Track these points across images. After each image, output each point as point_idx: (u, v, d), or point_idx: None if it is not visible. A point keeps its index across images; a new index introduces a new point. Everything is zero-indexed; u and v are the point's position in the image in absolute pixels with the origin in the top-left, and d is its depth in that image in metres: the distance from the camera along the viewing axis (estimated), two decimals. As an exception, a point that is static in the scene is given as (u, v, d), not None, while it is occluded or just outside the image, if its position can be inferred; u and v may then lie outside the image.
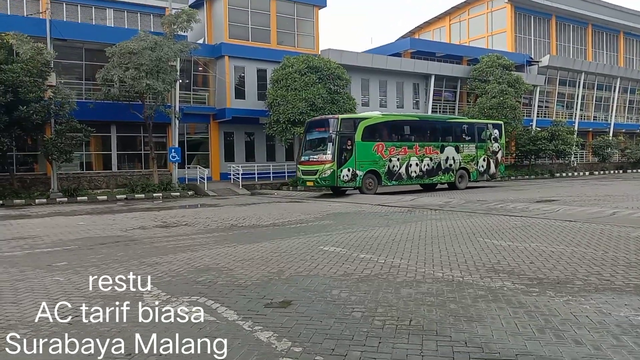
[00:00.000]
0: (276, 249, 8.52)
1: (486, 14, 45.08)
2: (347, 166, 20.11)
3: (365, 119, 21.23)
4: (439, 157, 23.20)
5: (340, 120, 20.22)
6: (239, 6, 28.89)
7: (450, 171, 23.69)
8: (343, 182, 20.11)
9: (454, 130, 24.38)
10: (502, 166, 26.38)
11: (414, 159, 22.22)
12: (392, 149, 21.54)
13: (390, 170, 21.49)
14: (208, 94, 29.14)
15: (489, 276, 6.30)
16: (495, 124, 26.49)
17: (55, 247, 9.33)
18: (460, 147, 24.08)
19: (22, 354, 4.10)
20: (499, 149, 25.93)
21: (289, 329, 4.53)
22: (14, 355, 4.06)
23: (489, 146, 25.36)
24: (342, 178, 20.00)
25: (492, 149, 25.47)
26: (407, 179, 22.19)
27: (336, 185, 20.18)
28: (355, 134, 20.35)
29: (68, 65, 24.97)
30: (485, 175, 25.23)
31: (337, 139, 19.90)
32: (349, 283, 6.10)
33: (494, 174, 25.66)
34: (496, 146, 25.71)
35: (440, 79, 36.03)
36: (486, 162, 25.15)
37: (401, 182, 22.10)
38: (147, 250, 8.74)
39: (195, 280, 6.42)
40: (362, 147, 20.53)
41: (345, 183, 20.21)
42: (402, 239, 9.38)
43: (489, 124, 26.36)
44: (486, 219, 11.99)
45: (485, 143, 25.22)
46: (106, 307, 5.31)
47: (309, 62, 26.35)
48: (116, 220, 13.82)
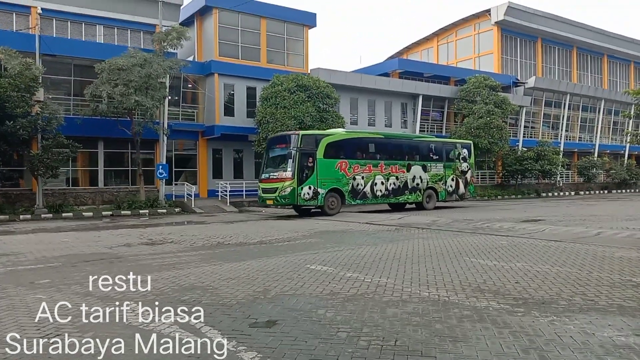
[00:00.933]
0: (262, 268, 8.47)
1: (473, 35, 45.81)
2: (308, 184, 19.48)
3: (327, 135, 20.73)
4: (406, 176, 22.62)
5: (301, 137, 19.68)
6: (230, 25, 29.10)
7: (417, 190, 23.04)
8: (304, 200, 19.48)
9: (421, 149, 23.84)
10: (471, 186, 25.78)
11: (379, 178, 21.62)
12: (356, 167, 20.90)
13: (354, 188, 20.80)
14: (197, 110, 29.16)
15: (474, 296, 6.31)
16: (464, 144, 26.02)
17: (39, 264, 9.20)
18: (427, 167, 23.55)
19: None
20: (468, 169, 25.40)
21: (274, 349, 4.49)
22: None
23: (458, 166, 24.85)
24: (302, 196, 19.37)
25: (461, 168, 24.94)
26: (373, 198, 21.50)
27: (296, 203, 19.64)
28: (317, 150, 19.78)
29: (56, 81, 24.88)
30: (454, 195, 24.64)
31: (297, 155, 19.34)
32: (335, 302, 6.07)
33: (462, 194, 25.08)
34: (465, 166, 25.15)
35: (428, 99, 36.39)
36: (455, 181, 24.60)
37: (366, 201, 21.42)
38: (132, 268, 8.63)
39: (180, 299, 6.35)
40: (324, 165, 19.91)
41: (306, 201, 19.59)
42: (389, 257, 9.37)
43: (458, 143, 26.02)
44: (473, 238, 12.04)
45: (453, 162, 24.72)
46: (90, 325, 5.24)
47: (299, 80, 26.52)
48: (101, 237, 13.67)
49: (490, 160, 38.20)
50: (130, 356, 4.38)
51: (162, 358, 4.33)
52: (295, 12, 31.16)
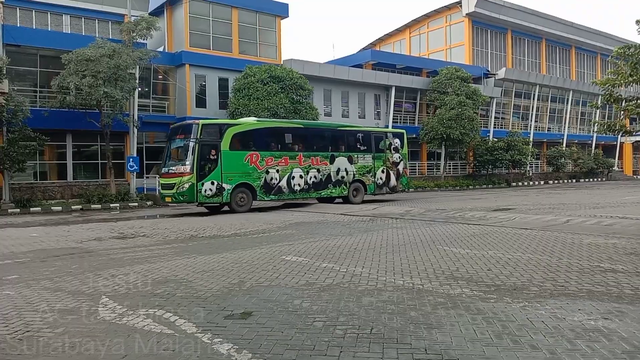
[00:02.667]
0: (237, 260, 8.42)
1: (445, 27, 46.17)
2: (211, 179, 17.70)
3: (234, 125, 19.03)
4: (329, 168, 20.84)
5: (201, 126, 17.85)
6: (200, 14, 28.68)
7: (342, 184, 21.27)
8: (205, 197, 17.68)
9: (347, 140, 22.09)
10: (404, 178, 24.00)
11: (297, 171, 19.87)
12: (269, 160, 19.15)
13: (268, 183, 19.06)
14: (168, 102, 28.73)
15: (448, 283, 6.39)
16: (396, 133, 24.29)
17: (6, 260, 8.95)
18: (354, 158, 21.72)
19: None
20: (401, 160, 23.64)
21: (250, 340, 4.46)
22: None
23: (389, 157, 23.08)
24: (203, 193, 17.57)
25: (392, 159, 23.15)
26: (290, 193, 19.81)
27: (196, 200, 17.83)
28: (221, 142, 17.94)
29: (22, 72, 24.18)
30: (385, 188, 22.93)
31: (197, 147, 17.49)
32: (310, 293, 6.07)
33: (394, 187, 23.33)
34: (397, 157, 23.43)
35: (400, 90, 36.60)
36: (385, 173, 22.81)
37: (282, 196, 19.74)
38: (103, 263, 8.48)
39: (153, 293, 6.27)
40: (230, 158, 18.14)
41: (207, 198, 17.78)
42: (363, 247, 9.42)
43: (388, 132, 24.51)
44: (445, 227, 12.19)
45: (383, 153, 22.91)
46: (59, 321, 5.13)
47: (272, 71, 26.35)
48: (71, 231, 13.37)
49: (462, 151, 38.71)
50: (101, 350, 4.30)
51: (135, 352, 4.25)
52: (267, 2, 30.86)
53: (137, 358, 4.12)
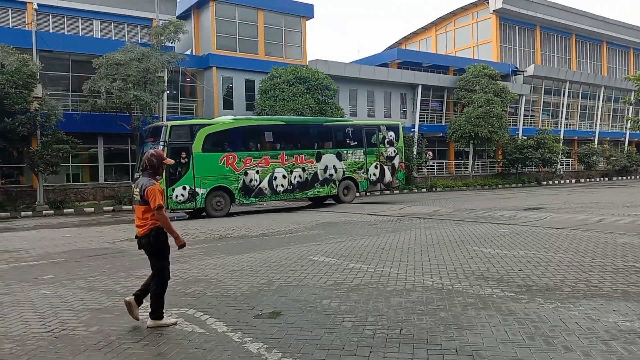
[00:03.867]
0: (266, 260, 8.49)
1: (472, 24, 45.59)
2: (182, 184, 16.77)
3: (206, 125, 17.91)
4: (315, 166, 19.75)
5: (169, 129, 16.84)
6: (227, 17, 28.97)
7: (331, 182, 20.19)
8: (176, 203, 16.75)
9: (335, 135, 20.92)
10: (400, 173, 22.72)
11: (280, 171, 18.87)
12: (248, 160, 18.14)
13: (247, 185, 18.08)
14: (196, 104, 29.09)
15: (478, 284, 6.32)
16: (390, 126, 22.86)
17: (42, 260, 9.21)
18: (343, 154, 20.60)
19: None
20: (396, 154, 22.30)
21: (279, 339, 4.50)
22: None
23: (382, 151, 21.77)
24: (174, 199, 16.63)
25: (386, 154, 21.86)
26: (272, 195, 18.85)
27: (167, 207, 15.75)
28: (192, 144, 17.01)
29: (54, 77, 24.80)
30: (379, 184, 21.80)
31: (166, 151, 16.05)
32: (339, 293, 6.09)
33: (390, 183, 22.27)
34: (392, 151, 22.08)
35: (427, 88, 36.30)
36: (379, 169, 21.57)
37: (263, 198, 18.79)
38: (135, 262, 8.65)
39: (184, 292, 6.37)
40: (203, 160, 17.18)
41: (180, 204, 16.89)
42: (391, 247, 9.38)
43: (381, 125, 22.85)
44: (474, 227, 12.05)
45: (376, 148, 21.60)
46: (94, 320, 5.25)
47: (297, 72, 26.45)
48: (103, 232, 13.68)
49: (490, 150, 38.16)
50: (135, 349, 4.39)
51: (168, 351, 4.33)
52: (292, 3, 31.00)
53: (170, 357, 4.19)
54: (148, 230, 4.95)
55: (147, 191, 4.84)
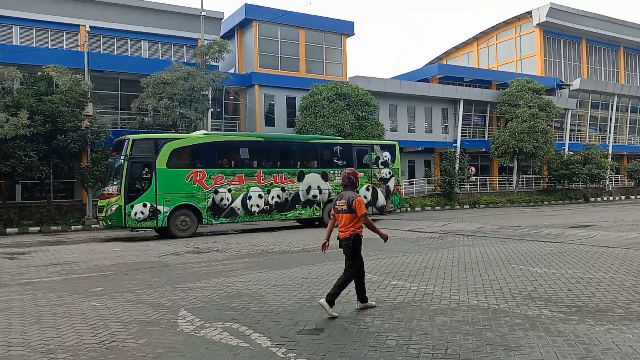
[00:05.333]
0: (307, 275, 8.52)
1: (514, 38, 44.90)
2: (142, 200, 15.75)
3: (173, 139, 16.78)
4: (297, 186, 18.42)
5: (131, 142, 15.89)
6: (269, 36, 29.52)
7: (314, 204, 18.77)
8: (135, 221, 15.70)
9: (320, 154, 19.49)
10: (395, 197, 20.97)
11: (255, 190, 17.57)
12: (219, 178, 16.96)
13: (217, 204, 16.88)
14: (239, 121, 29.64)
15: (525, 304, 6.17)
16: (385, 145, 21.36)
17: (91, 273, 9.52)
18: (329, 174, 19.07)
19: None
20: (391, 175, 20.68)
21: (323, 356, 4.51)
22: (54, 380, 4.14)
23: (376, 172, 20.24)
24: (133, 216, 15.61)
25: (380, 175, 20.33)
26: (246, 215, 17.52)
27: (124, 225, 15.81)
28: (157, 159, 15.98)
29: (104, 96, 25.78)
30: (371, 208, 19.84)
31: (126, 165, 15.60)
32: (381, 310, 6.05)
33: (383, 207, 20.46)
34: (386, 172, 20.53)
35: (469, 103, 35.87)
36: (371, 192, 19.99)
37: (235, 218, 17.46)
38: (181, 276, 8.84)
39: (228, 306, 6.46)
40: (167, 176, 16.12)
41: (139, 222, 15.78)
42: (434, 265, 9.26)
43: (375, 145, 21.21)
44: (520, 245, 11.76)
45: (368, 169, 20.01)
46: (142, 332, 5.39)
47: (338, 89, 26.63)
48: (149, 246, 14.03)
49: (535, 165, 37.22)
50: (183, 354, 4.48)
51: (215, 358, 4.40)
52: (333, 21, 31.34)
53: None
54: (349, 235, 5.94)
55: (355, 202, 5.87)
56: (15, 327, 5.67)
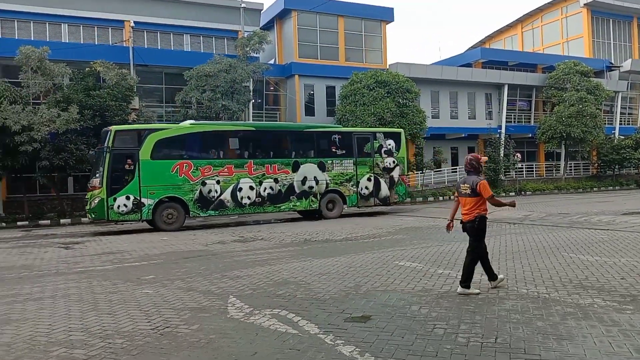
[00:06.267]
0: (351, 264, 8.56)
1: (560, 19, 43.34)
2: (125, 193, 15.37)
3: (157, 130, 16.33)
4: (291, 177, 17.69)
5: (114, 133, 15.50)
6: (308, 26, 29.52)
7: (310, 195, 18.00)
8: (118, 214, 15.36)
9: (316, 143, 18.62)
10: (401, 187, 19.86)
11: (246, 181, 16.94)
12: (206, 169, 16.42)
13: (204, 196, 16.36)
14: (279, 112, 29.86)
15: (577, 293, 6.03)
16: (390, 133, 20.32)
17: (142, 262, 9.85)
18: (327, 164, 18.30)
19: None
20: (396, 165, 19.65)
21: (371, 344, 4.54)
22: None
23: (378, 162, 19.28)
24: (116, 209, 15.27)
25: (383, 165, 19.36)
26: (236, 207, 16.94)
27: (107, 218, 15.45)
28: (140, 150, 15.55)
29: (149, 89, 26.43)
30: (373, 199, 19.18)
31: (108, 157, 15.24)
32: (428, 299, 6.03)
33: (386, 198, 19.50)
34: (390, 162, 19.50)
35: (513, 88, 34.95)
36: (373, 182, 19.11)
37: (225, 211, 16.92)
38: (228, 264, 9.05)
39: (275, 294, 6.58)
40: (151, 168, 15.67)
41: (122, 215, 15.45)
42: (480, 253, 9.13)
43: (378, 132, 20.09)
44: (570, 233, 11.46)
45: (370, 158, 19.13)
46: (194, 319, 5.56)
47: (377, 76, 26.42)
48: (197, 235, 14.39)
49: (584, 150, 35.98)
50: (233, 347, 4.60)
51: (263, 350, 4.50)
52: (372, 8, 31.05)
53: (266, 356, 4.35)
54: (473, 217, 6.24)
55: (479, 185, 6.11)
56: (74, 314, 5.93)
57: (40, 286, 7.66)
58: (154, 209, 15.73)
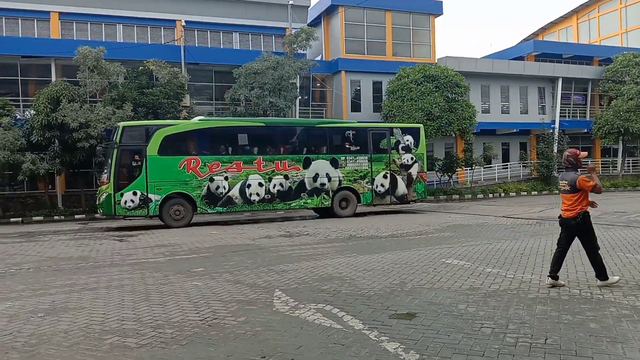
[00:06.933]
0: (396, 261, 8.51)
1: (619, 9, 41.42)
2: (132, 188, 15.45)
3: (165, 126, 16.32)
4: (302, 174, 17.33)
5: (121, 129, 15.68)
6: (355, 21, 29.39)
7: (322, 192, 17.58)
8: (125, 209, 15.47)
9: (329, 139, 18.23)
10: (419, 185, 19.22)
11: (255, 178, 16.73)
12: (214, 165, 16.31)
13: (212, 192, 16.26)
14: (325, 108, 29.91)
15: (633, 294, 5.79)
16: (407, 128, 19.69)
17: (193, 255, 10.12)
18: (339, 161, 17.88)
19: (169, 351, 4.51)
20: (414, 161, 19.01)
21: (416, 341, 4.51)
22: (163, 351, 4.48)
23: (395, 158, 18.71)
24: (123, 204, 15.36)
25: (400, 161, 18.78)
26: (245, 204, 16.74)
27: (114, 213, 15.58)
28: (147, 146, 15.60)
29: (199, 87, 27.03)
30: (389, 197, 18.64)
31: (116, 153, 15.39)
32: (475, 298, 5.93)
33: (404, 196, 18.89)
34: (408, 158, 18.91)
35: (568, 81, 33.69)
36: (390, 179, 18.56)
37: (233, 207, 16.74)
38: (274, 258, 9.17)
39: (320, 289, 6.62)
40: (159, 164, 15.68)
41: (129, 211, 15.56)
42: (531, 252, 8.90)
43: (395, 128, 19.50)
44: (626, 232, 10.98)
45: (386, 155, 18.61)
46: (241, 311, 5.67)
47: (425, 71, 26.02)
48: (244, 230, 14.64)
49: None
50: (279, 340, 4.67)
51: (308, 344, 4.54)
52: (420, 1, 30.55)
53: (311, 350, 4.40)
54: (576, 214, 6.24)
55: (579, 182, 6.18)
56: (127, 304, 6.17)
57: (95, 277, 8.00)
58: (161, 204, 15.75)
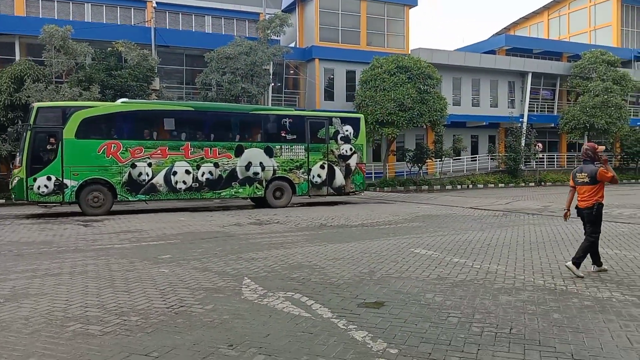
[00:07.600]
0: (366, 250, 8.55)
1: (589, 7, 42.27)
2: (46, 173, 14.53)
3: (84, 108, 15.28)
4: (234, 162, 16.67)
5: (36, 110, 14.71)
6: (330, 9, 29.24)
7: (255, 182, 16.98)
8: (37, 195, 14.55)
9: (264, 126, 17.62)
10: (358, 176, 18.73)
11: (181, 165, 15.98)
12: (137, 150, 15.47)
13: (134, 179, 15.45)
14: (299, 96, 29.77)
15: (595, 286, 5.94)
16: (347, 118, 19.09)
17: (160, 241, 9.95)
18: (274, 150, 17.28)
19: (134, 338, 4.42)
20: (353, 152, 18.55)
21: (384, 330, 4.53)
22: (128, 339, 4.39)
23: (333, 148, 18.23)
24: (36, 190, 14.44)
25: (338, 152, 18.31)
26: (170, 192, 15.96)
27: (26, 198, 14.69)
28: (64, 128, 14.66)
29: (170, 70, 26.53)
30: (326, 188, 18.14)
31: (29, 135, 14.44)
32: (443, 287, 5.99)
33: (341, 187, 18.40)
34: (347, 149, 18.43)
35: (537, 76, 34.32)
36: (327, 170, 18.07)
37: (157, 195, 15.95)
38: (244, 246, 9.10)
39: (290, 277, 6.60)
40: (75, 147, 14.74)
41: (43, 196, 14.60)
42: (498, 243, 9.05)
43: (334, 117, 18.81)
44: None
45: (324, 145, 18.10)
46: (208, 299, 5.60)
47: (399, 62, 26.11)
48: (213, 216, 14.49)
49: (607, 142, 35.32)
50: (247, 328, 4.63)
51: (276, 332, 4.52)
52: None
53: (279, 338, 4.37)
54: (591, 204, 6.52)
55: (599, 173, 6.44)
56: (91, 290, 6.02)
57: (58, 262, 7.79)
58: (77, 191, 14.89)
